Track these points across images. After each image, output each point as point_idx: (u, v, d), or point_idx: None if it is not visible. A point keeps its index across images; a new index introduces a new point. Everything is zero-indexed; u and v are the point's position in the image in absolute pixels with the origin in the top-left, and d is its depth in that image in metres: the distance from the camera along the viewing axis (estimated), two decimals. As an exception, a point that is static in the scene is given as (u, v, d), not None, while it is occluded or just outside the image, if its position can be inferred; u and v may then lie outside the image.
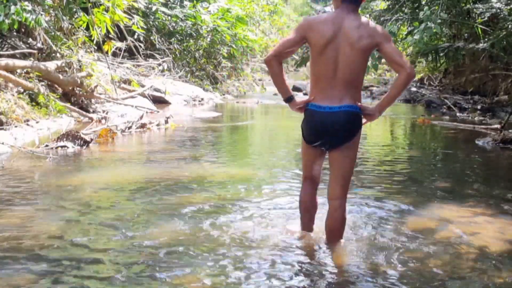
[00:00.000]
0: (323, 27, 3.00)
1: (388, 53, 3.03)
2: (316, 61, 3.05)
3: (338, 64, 3.00)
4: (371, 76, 22.46)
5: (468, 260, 3.08)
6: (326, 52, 3.00)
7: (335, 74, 3.01)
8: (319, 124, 3.05)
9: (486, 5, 10.87)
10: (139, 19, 15.00)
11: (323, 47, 3.00)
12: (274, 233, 3.52)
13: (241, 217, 3.84)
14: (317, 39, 3.00)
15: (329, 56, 3.00)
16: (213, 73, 19.20)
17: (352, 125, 3.07)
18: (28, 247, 3.21)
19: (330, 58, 3.00)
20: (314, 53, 3.05)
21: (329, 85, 3.03)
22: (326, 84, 3.03)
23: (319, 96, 3.06)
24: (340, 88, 3.02)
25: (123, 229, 3.54)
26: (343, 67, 3.00)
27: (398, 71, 3.01)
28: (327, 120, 3.02)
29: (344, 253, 3.16)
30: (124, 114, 10.88)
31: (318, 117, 3.05)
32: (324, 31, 2.99)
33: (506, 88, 13.13)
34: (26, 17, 8.29)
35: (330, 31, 2.98)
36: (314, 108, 3.06)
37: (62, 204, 4.15)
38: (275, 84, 3.15)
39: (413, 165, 6.33)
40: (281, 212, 3.97)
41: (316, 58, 3.05)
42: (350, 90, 3.04)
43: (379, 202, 4.28)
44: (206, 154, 6.86)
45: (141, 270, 2.88)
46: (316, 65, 3.06)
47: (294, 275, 2.87)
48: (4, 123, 7.62)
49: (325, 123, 3.03)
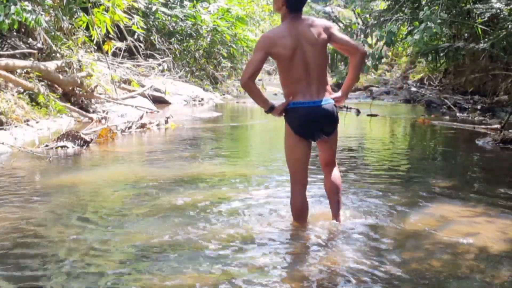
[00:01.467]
0: (285, 41, 3.29)
1: (341, 39, 3.43)
2: (288, 68, 3.34)
3: (308, 65, 3.32)
4: (371, 76, 22.44)
5: (468, 260, 3.08)
6: (294, 58, 3.30)
7: (308, 74, 3.33)
8: (307, 115, 3.34)
9: (486, 5, 10.88)
10: (139, 19, 15.01)
11: (291, 56, 3.29)
12: (272, 230, 3.53)
13: (240, 216, 3.84)
14: (284, 51, 3.29)
15: (299, 61, 3.31)
16: (213, 73, 19.21)
17: (336, 113, 3.43)
18: (28, 247, 3.21)
19: (300, 62, 3.31)
20: (284, 62, 3.33)
21: (306, 85, 3.33)
22: (302, 85, 3.33)
23: (298, 96, 3.34)
24: (315, 84, 3.35)
25: (122, 229, 3.55)
26: (313, 66, 3.33)
27: (354, 53, 3.42)
28: (313, 112, 3.33)
29: (343, 253, 3.16)
30: (124, 114, 10.89)
31: (304, 109, 3.34)
32: (287, 43, 3.29)
33: (506, 88, 13.13)
34: (26, 17, 8.30)
35: (292, 41, 3.29)
36: (299, 105, 3.34)
37: (62, 204, 4.15)
38: (256, 101, 3.40)
39: (413, 165, 6.33)
40: (281, 211, 3.97)
41: (287, 66, 3.33)
42: (323, 83, 3.38)
43: (379, 202, 4.27)
44: (206, 154, 6.86)
45: (139, 269, 2.88)
46: (289, 72, 3.34)
47: (293, 273, 2.87)
48: (4, 123, 7.63)
49: (312, 114, 3.34)
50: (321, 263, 3.02)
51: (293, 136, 3.43)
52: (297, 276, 2.85)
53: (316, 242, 3.33)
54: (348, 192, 4.56)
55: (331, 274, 2.88)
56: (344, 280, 2.79)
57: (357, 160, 6.47)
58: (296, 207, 3.51)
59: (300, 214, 3.52)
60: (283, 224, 3.70)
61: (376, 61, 9.13)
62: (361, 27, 10.04)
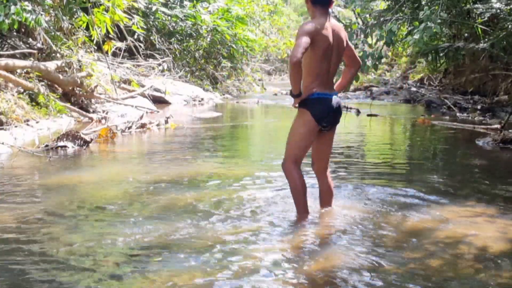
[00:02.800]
0: (326, 32, 3.57)
1: (351, 49, 3.85)
2: (319, 60, 3.59)
3: (331, 62, 3.65)
4: (371, 76, 22.44)
5: (468, 260, 3.08)
6: (327, 53, 3.59)
7: (329, 70, 3.68)
8: (328, 105, 3.67)
9: (486, 5, 10.86)
10: (139, 19, 15.00)
11: (326, 49, 3.57)
12: (272, 230, 3.53)
13: (240, 215, 3.84)
14: (323, 42, 3.55)
15: (328, 56, 3.62)
16: (213, 73, 19.20)
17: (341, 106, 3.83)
18: (27, 246, 3.21)
19: (328, 58, 3.62)
20: (318, 53, 3.57)
21: (326, 79, 3.68)
22: (325, 78, 3.66)
23: (320, 87, 3.65)
24: (331, 80, 3.75)
25: (122, 229, 3.55)
26: (334, 65, 3.69)
27: (354, 64, 3.88)
28: (332, 103, 3.68)
29: (343, 253, 3.16)
30: (124, 114, 10.89)
31: (326, 101, 3.67)
32: (327, 35, 3.57)
33: (506, 88, 13.12)
34: (26, 17, 8.30)
35: (330, 36, 3.58)
36: (322, 96, 3.66)
37: (62, 204, 4.15)
38: (295, 81, 3.54)
39: (412, 165, 6.33)
40: (281, 209, 3.97)
41: (319, 57, 3.58)
42: (332, 80, 3.78)
43: (379, 202, 4.27)
44: (206, 154, 6.86)
45: (138, 269, 2.88)
46: (319, 64, 3.60)
47: (293, 273, 2.86)
48: (4, 123, 7.63)
49: (331, 106, 3.68)
50: (321, 263, 3.02)
51: (312, 124, 3.67)
52: (297, 276, 2.84)
53: (316, 242, 3.33)
54: (348, 192, 4.56)
55: (330, 274, 2.88)
56: (344, 280, 2.79)
57: (357, 160, 6.47)
58: (297, 187, 3.76)
59: (302, 192, 3.77)
60: (283, 223, 3.71)
61: (376, 61, 9.12)
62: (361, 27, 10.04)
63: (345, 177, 5.29)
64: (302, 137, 3.72)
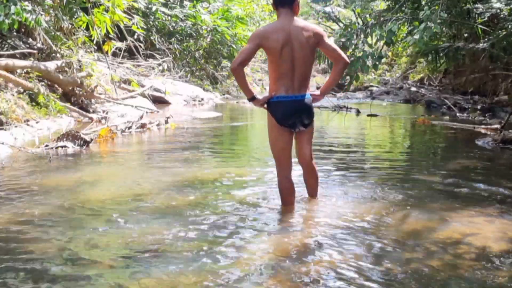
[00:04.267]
0: (277, 36, 3.60)
1: (329, 46, 3.78)
2: (276, 62, 3.65)
3: (295, 63, 3.64)
4: (371, 76, 22.44)
5: (468, 260, 3.08)
6: (283, 55, 3.61)
7: (293, 71, 3.66)
8: (289, 107, 3.69)
9: (486, 5, 10.86)
10: (139, 19, 15.01)
11: (279, 51, 3.60)
12: (273, 229, 3.53)
13: (239, 215, 3.84)
14: (274, 45, 3.60)
15: (287, 57, 3.62)
16: (213, 73, 19.21)
17: (312, 107, 3.82)
18: (27, 246, 3.21)
19: (288, 60, 3.63)
20: (273, 56, 3.64)
21: (290, 81, 3.67)
22: (287, 80, 3.67)
23: (282, 89, 3.69)
24: (298, 80, 3.69)
25: (122, 229, 3.55)
26: (299, 65, 3.66)
27: (337, 61, 3.78)
28: (294, 105, 3.69)
29: (343, 253, 3.16)
30: (124, 114, 10.89)
31: (286, 103, 3.69)
32: (279, 38, 3.60)
33: (506, 88, 13.12)
34: (26, 17, 8.30)
35: (283, 37, 3.60)
36: (281, 99, 3.69)
37: (62, 204, 4.15)
38: (242, 87, 3.70)
39: (412, 165, 6.33)
40: (279, 209, 3.97)
41: (276, 60, 3.64)
42: (305, 80, 3.73)
43: (379, 201, 4.28)
44: (206, 154, 6.86)
45: (138, 269, 2.88)
46: (277, 66, 3.66)
47: (292, 273, 2.86)
48: (4, 123, 7.63)
49: (293, 107, 3.69)
50: (321, 263, 3.02)
51: (277, 127, 3.75)
52: (296, 276, 2.84)
53: (316, 242, 3.33)
54: (348, 192, 4.56)
55: (330, 274, 2.88)
56: (343, 280, 2.79)
57: (357, 160, 6.46)
58: (284, 192, 3.88)
59: (288, 198, 3.89)
60: (284, 223, 3.71)
61: (376, 61, 9.10)
62: (361, 27, 10.02)
63: (345, 176, 5.29)
64: (274, 140, 3.83)
